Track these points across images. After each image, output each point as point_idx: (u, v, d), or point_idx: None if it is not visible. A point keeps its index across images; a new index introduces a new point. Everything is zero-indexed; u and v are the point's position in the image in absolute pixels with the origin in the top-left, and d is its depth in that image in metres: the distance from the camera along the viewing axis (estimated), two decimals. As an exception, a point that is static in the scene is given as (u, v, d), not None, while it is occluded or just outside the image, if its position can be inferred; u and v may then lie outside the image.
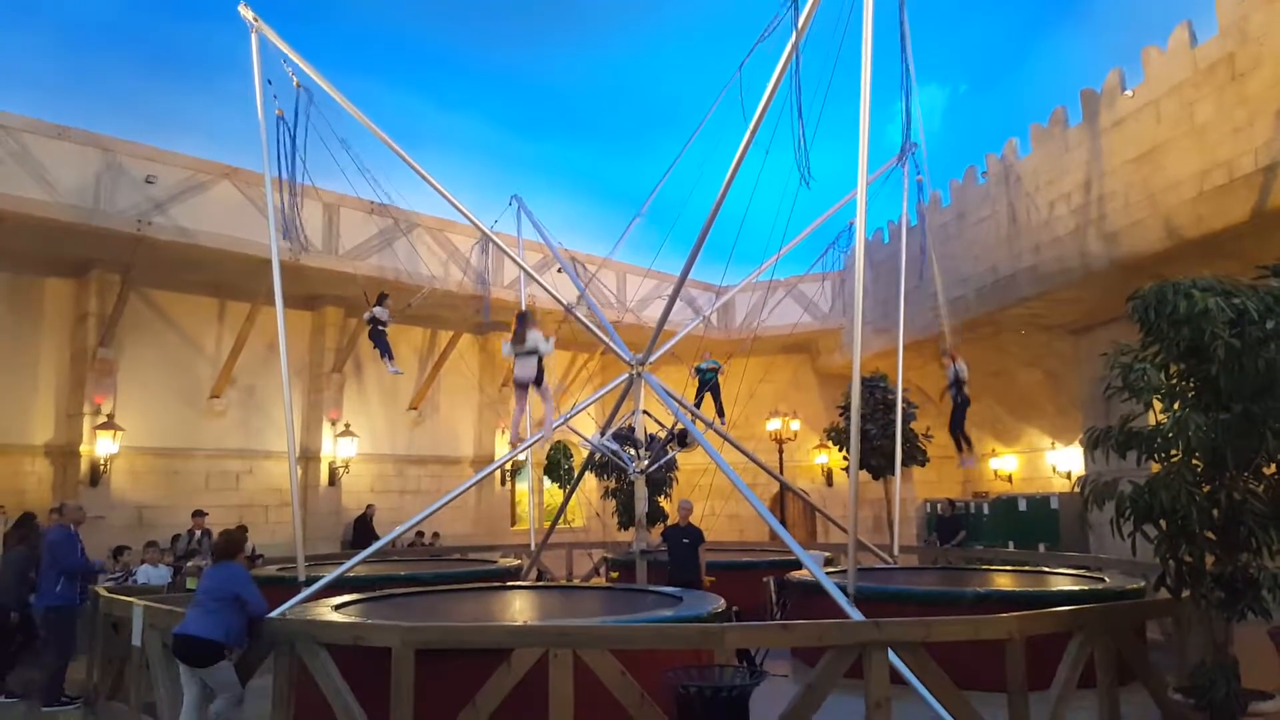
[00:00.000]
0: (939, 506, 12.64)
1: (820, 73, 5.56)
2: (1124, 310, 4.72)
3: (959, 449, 7.20)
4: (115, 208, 9.96)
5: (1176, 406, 4.50)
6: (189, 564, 9.29)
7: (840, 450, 14.12)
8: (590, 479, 13.88)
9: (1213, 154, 7.95)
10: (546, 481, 16.60)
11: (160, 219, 10.25)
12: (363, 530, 12.73)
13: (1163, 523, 4.45)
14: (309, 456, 13.00)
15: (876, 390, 12.18)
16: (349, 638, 4.55)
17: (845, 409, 10.90)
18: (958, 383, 7.16)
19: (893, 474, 10.25)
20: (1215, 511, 4.29)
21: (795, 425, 15.87)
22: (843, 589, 5.25)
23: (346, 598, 6.29)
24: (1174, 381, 4.59)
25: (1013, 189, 11.11)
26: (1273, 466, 4.38)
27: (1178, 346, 4.39)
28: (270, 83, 7.15)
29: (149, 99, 27.31)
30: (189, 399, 12.19)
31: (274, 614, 4.87)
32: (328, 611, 5.45)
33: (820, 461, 16.62)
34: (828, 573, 6.02)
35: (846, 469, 5.84)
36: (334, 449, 13.22)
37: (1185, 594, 4.56)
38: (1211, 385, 4.36)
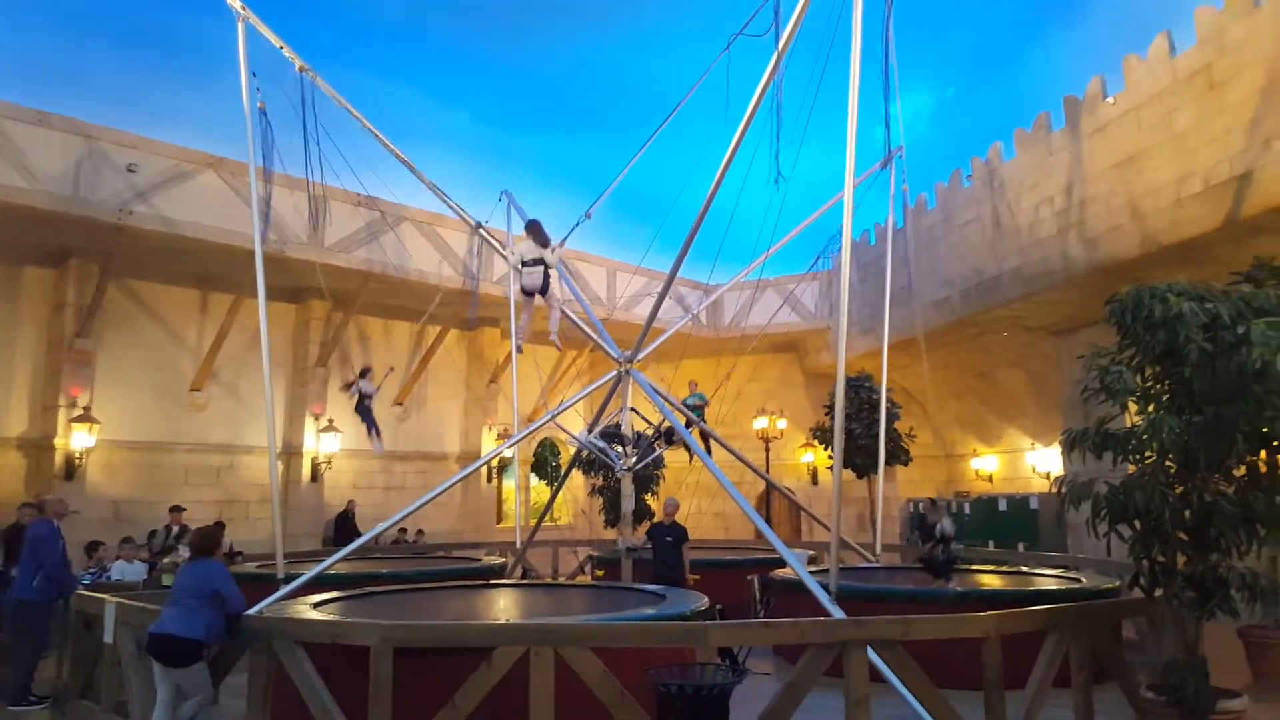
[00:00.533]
0: (921, 505, 12.74)
1: (809, 70, 5.58)
2: (1104, 313, 4.79)
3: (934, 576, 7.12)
4: (96, 196, 9.80)
5: (1151, 409, 4.58)
6: (165, 560, 9.17)
7: (826, 449, 14.20)
8: (577, 476, 13.87)
9: (1190, 162, 8.08)
10: (533, 479, 16.57)
11: (142, 208, 10.10)
12: (344, 527, 12.64)
13: (1137, 523, 4.53)
14: (291, 451, 12.88)
15: (861, 390, 12.26)
16: (327, 636, 4.51)
17: (831, 408, 10.95)
18: (943, 540, 7.20)
19: (876, 473, 10.32)
20: (1187, 513, 4.37)
21: (782, 424, 15.94)
22: (825, 587, 5.29)
23: (326, 595, 6.24)
24: (1149, 384, 4.67)
25: (997, 193, 11.22)
26: (1243, 469, 4.47)
27: (1153, 350, 4.47)
28: (255, 75, 7.06)
29: (134, 87, 26.95)
30: (169, 392, 12.04)
31: (251, 611, 4.81)
32: (306, 609, 5.40)
33: (806, 460, 16.71)
34: (811, 571, 6.05)
35: (831, 468, 5.87)
36: (317, 444, 13.11)
37: (1158, 593, 4.63)
38: (1185, 388, 4.44)
